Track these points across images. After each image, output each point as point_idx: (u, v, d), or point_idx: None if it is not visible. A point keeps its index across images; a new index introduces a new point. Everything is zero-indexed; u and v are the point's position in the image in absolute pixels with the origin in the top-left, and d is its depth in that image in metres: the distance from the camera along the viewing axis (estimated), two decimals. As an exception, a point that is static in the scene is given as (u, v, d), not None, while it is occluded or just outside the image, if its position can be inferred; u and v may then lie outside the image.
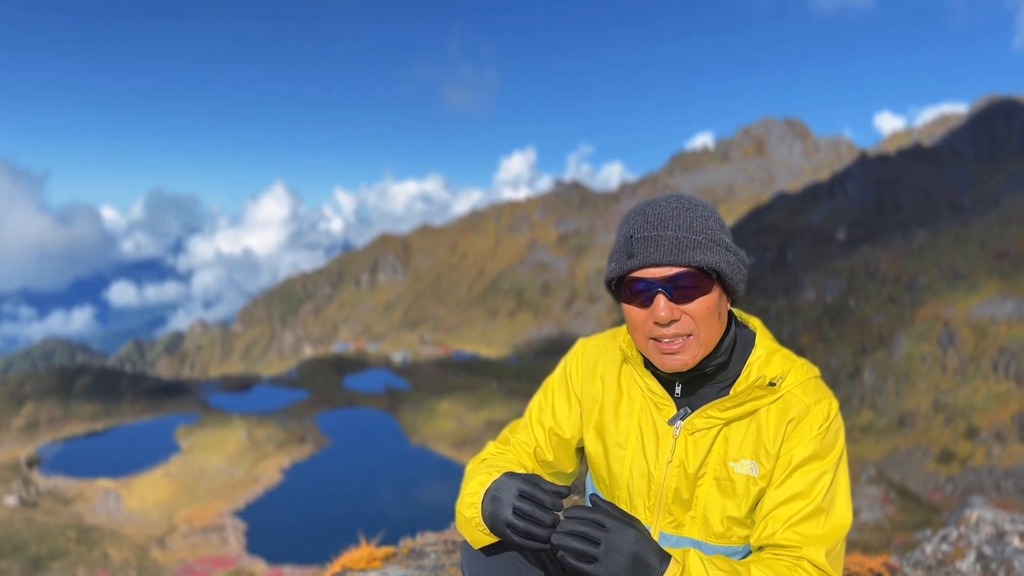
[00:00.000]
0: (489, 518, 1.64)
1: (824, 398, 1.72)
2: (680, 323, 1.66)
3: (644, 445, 1.82)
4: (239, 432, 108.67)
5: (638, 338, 1.74)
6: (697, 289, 1.65)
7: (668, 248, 1.62)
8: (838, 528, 1.66)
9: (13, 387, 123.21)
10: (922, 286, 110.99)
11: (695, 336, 1.67)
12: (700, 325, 1.66)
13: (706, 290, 1.66)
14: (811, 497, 1.66)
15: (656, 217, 1.67)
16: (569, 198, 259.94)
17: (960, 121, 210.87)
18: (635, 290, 1.67)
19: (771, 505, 1.69)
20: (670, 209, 1.68)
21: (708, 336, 1.69)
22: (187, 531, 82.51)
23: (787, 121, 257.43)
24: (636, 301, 1.69)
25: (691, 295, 1.65)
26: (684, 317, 1.66)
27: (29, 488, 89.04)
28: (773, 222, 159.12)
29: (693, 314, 1.66)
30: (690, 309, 1.65)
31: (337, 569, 3.44)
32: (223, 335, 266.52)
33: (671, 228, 1.64)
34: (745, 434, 1.73)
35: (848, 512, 1.68)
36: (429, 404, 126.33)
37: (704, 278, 1.65)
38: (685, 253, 1.62)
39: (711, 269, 1.64)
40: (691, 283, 1.64)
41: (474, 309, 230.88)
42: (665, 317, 1.64)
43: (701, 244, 1.64)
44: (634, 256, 1.64)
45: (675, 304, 1.65)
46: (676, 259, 1.62)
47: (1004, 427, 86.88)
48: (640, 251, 1.64)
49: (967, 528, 3.98)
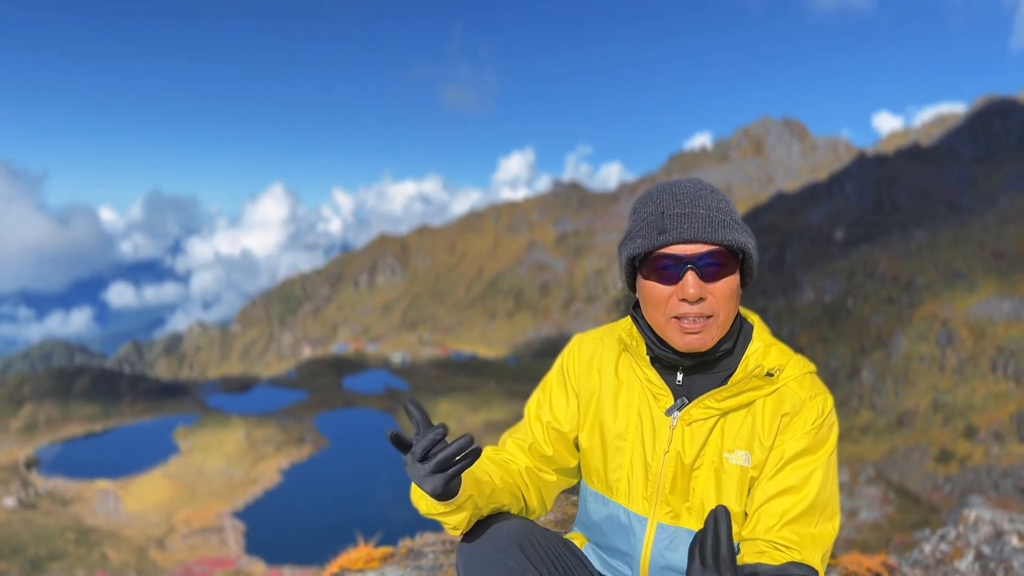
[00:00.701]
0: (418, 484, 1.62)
1: (820, 393, 1.74)
2: (705, 303, 1.67)
3: (643, 435, 1.83)
4: (238, 433, 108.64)
5: (658, 317, 1.73)
6: (724, 268, 1.67)
7: (702, 225, 1.64)
8: (831, 531, 1.68)
9: (12, 388, 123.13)
10: (920, 286, 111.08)
11: (715, 317, 1.69)
12: (721, 306, 1.68)
13: (731, 270, 1.68)
14: (804, 493, 1.67)
15: (685, 196, 1.69)
16: (568, 198, 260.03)
17: (958, 121, 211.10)
18: (662, 266, 1.68)
19: (763, 498, 1.69)
20: (697, 189, 1.71)
21: (727, 318, 1.71)
22: (186, 532, 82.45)
23: (785, 121, 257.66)
24: (661, 277, 1.69)
25: (718, 275, 1.67)
26: (709, 297, 1.67)
27: (28, 489, 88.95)
28: (771, 222, 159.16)
29: (717, 294, 1.67)
30: (715, 288, 1.67)
31: (335, 569, 3.44)
32: (222, 336, 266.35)
33: (702, 207, 1.66)
34: (741, 425, 1.74)
35: (837, 512, 1.70)
36: (428, 405, 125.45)
37: (731, 258, 1.68)
38: (718, 231, 1.64)
39: (739, 249, 1.67)
40: (720, 261, 1.66)
41: (473, 310, 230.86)
42: (695, 294, 1.64)
43: (730, 224, 1.67)
44: (667, 231, 1.65)
45: (703, 283, 1.66)
46: (710, 236, 1.63)
47: (1003, 427, 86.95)
48: (674, 227, 1.64)
49: (966, 527, 3.98)
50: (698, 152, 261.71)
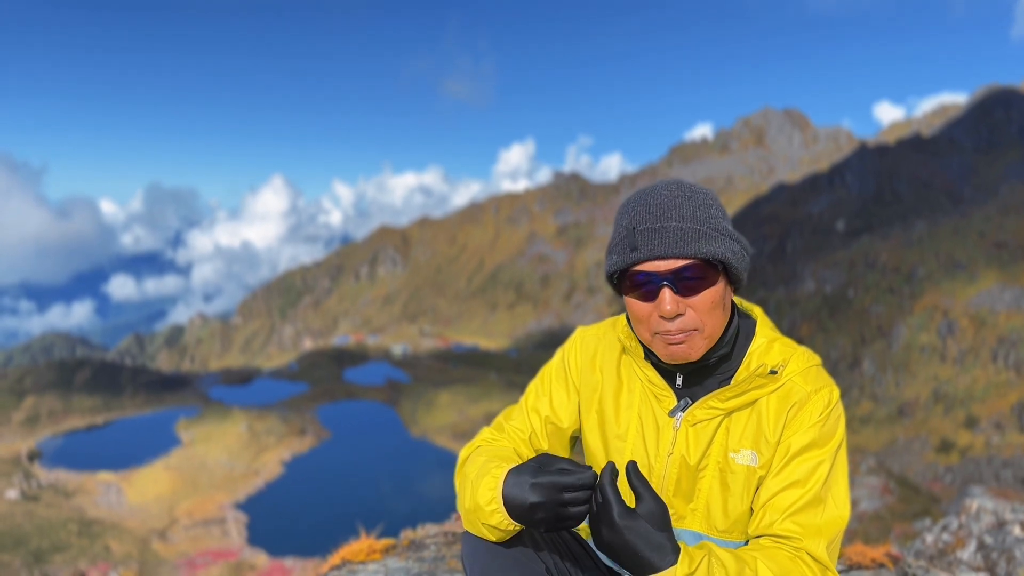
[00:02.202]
0: (517, 510, 1.58)
1: (825, 386, 1.69)
2: (685, 318, 1.61)
3: (644, 437, 1.79)
4: (239, 425, 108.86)
5: (642, 332, 1.69)
6: (703, 281, 1.60)
7: (673, 240, 1.56)
8: (837, 520, 1.62)
9: (13, 381, 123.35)
10: (921, 276, 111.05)
11: (700, 331, 1.63)
12: (705, 319, 1.62)
13: (712, 282, 1.61)
14: (809, 486, 1.62)
15: (658, 207, 1.60)
16: (568, 190, 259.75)
17: (959, 111, 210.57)
18: (638, 283, 1.62)
19: (769, 493, 1.65)
20: (671, 198, 1.61)
21: (713, 329, 1.65)
22: (188, 524, 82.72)
23: (786, 111, 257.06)
24: (640, 295, 1.64)
25: (697, 287, 1.60)
26: (689, 311, 1.61)
27: (30, 482, 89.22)
28: (772, 213, 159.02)
29: (698, 307, 1.61)
30: (695, 302, 1.60)
31: (337, 561, 3.43)
32: (223, 328, 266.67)
33: (674, 219, 1.58)
34: (746, 424, 1.71)
35: (847, 504, 1.65)
36: (429, 396, 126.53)
37: (709, 269, 1.60)
38: (690, 245, 1.56)
39: (717, 260, 1.59)
40: (696, 275, 1.59)
41: (473, 301, 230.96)
42: (671, 311, 1.58)
43: (706, 234, 1.58)
44: (637, 249, 1.58)
45: (680, 297, 1.60)
46: (681, 251, 1.56)
47: (1003, 417, 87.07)
48: (644, 243, 1.58)
49: (968, 517, 3.97)
50: (699, 143, 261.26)
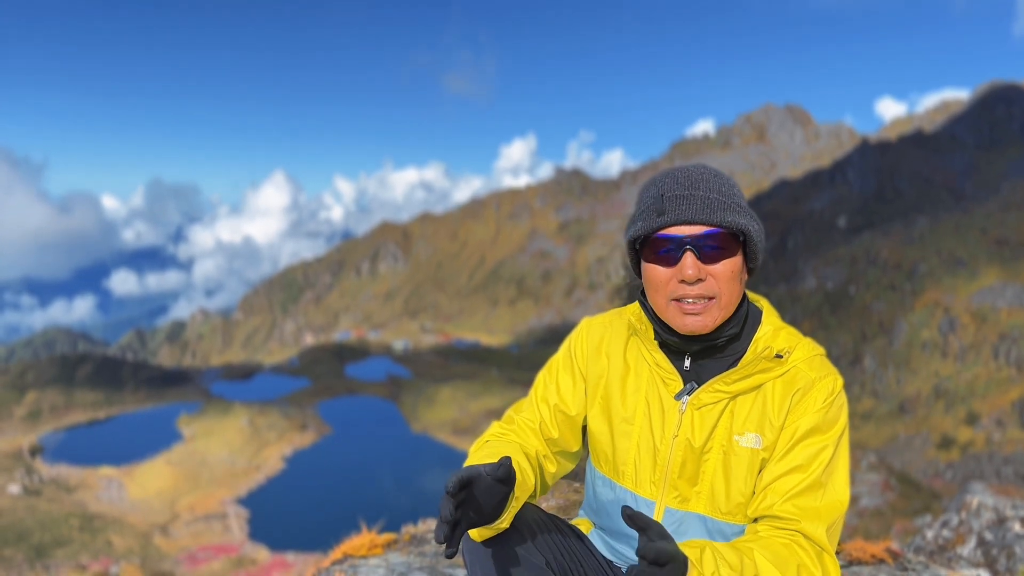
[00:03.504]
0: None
1: (830, 374, 1.74)
2: (705, 284, 1.68)
3: (651, 420, 1.83)
4: (241, 420, 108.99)
5: (659, 299, 1.75)
6: (724, 250, 1.68)
7: (700, 207, 1.66)
8: (837, 504, 1.67)
9: (15, 376, 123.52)
10: (923, 273, 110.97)
11: (717, 299, 1.70)
12: (723, 288, 1.69)
13: (732, 252, 1.69)
14: (810, 470, 1.67)
15: (687, 178, 1.70)
16: (569, 185, 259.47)
17: (961, 107, 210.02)
18: (662, 248, 1.70)
19: (771, 477, 1.70)
20: (699, 173, 1.72)
21: (729, 300, 1.72)
22: (190, 519, 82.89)
23: (788, 107, 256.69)
24: (661, 259, 1.71)
25: (718, 256, 1.68)
26: (709, 278, 1.68)
27: (32, 476, 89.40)
28: (774, 209, 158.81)
29: (718, 276, 1.68)
30: (716, 270, 1.68)
31: (338, 556, 3.44)
32: (224, 324, 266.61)
33: (702, 189, 1.68)
34: (751, 408, 1.75)
35: (846, 489, 1.70)
36: (430, 392, 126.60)
37: (732, 240, 1.69)
38: (716, 213, 1.66)
39: (739, 231, 1.68)
40: (719, 243, 1.67)
41: (475, 297, 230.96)
42: (693, 275, 1.66)
43: (731, 207, 1.68)
44: (665, 213, 1.67)
45: (702, 264, 1.67)
46: (707, 218, 1.65)
47: (1004, 413, 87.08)
48: (672, 208, 1.67)
49: (968, 514, 3.98)
50: (700, 139, 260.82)
